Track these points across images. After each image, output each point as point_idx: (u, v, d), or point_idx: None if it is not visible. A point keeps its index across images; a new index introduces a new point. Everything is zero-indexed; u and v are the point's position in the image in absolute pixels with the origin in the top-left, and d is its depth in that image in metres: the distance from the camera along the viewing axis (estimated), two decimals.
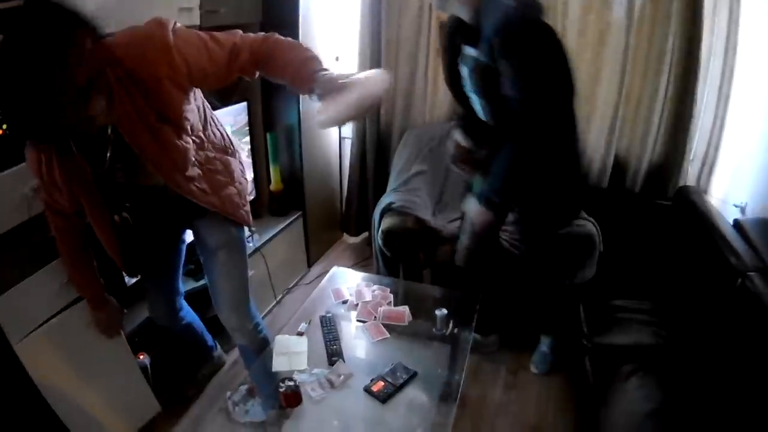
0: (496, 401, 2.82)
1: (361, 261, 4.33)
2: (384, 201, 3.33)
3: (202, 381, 2.99)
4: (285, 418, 2.06)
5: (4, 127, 1.92)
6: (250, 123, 3.56)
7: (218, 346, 3.03)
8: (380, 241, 3.15)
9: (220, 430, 2.14)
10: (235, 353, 3.04)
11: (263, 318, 2.96)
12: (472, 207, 2.35)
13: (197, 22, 2.88)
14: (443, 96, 3.85)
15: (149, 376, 2.81)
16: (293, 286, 4.01)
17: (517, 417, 2.73)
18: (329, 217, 4.54)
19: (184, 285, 2.76)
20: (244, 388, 2.24)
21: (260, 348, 2.39)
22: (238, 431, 2.09)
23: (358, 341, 2.40)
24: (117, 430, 2.71)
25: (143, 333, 2.74)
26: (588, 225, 2.96)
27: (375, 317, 2.48)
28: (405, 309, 2.51)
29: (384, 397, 2.09)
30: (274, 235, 3.67)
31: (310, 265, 4.25)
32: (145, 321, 2.75)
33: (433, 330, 2.47)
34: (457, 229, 2.96)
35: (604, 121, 3.48)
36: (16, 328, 2.16)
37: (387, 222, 3.14)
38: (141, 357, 2.77)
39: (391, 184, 3.61)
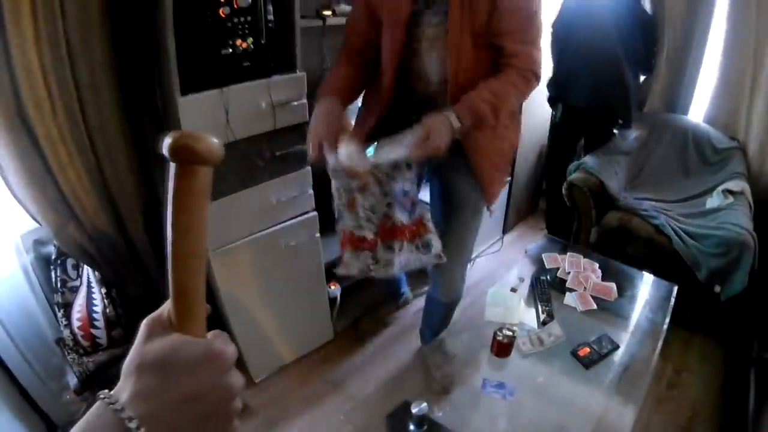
0: (657, 396, 2.85)
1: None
2: (582, 161, 3.63)
3: (381, 320, 3.10)
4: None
5: (250, 41, 2.10)
6: None
7: (409, 290, 3.15)
8: (564, 191, 3.54)
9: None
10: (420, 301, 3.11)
11: None
12: None
13: None
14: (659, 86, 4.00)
15: (336, 306, 2.95)
16: (485, 251, 4.11)
17: (673, 415, 2.75)
18: (529, 189, 4.57)
19: None
20: None
21: (453, 304, 2.55)
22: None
23: (567, 307, 2.46)
24: (283, 349, 2.88)
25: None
26: (745, 234, 2.95)
27: (585, 288, 2.53)
28: (613, 285, 2.55)
29: (588, 363, 2.16)
30: None
31: (505, 231, 4.33)
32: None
33: (632, 313, 2.51)
34: (639, 204, 3.47)
35: None
36: (218, 236, 2.32)
37: (574, 176, 3.52)
38: (333, 287, 2.91)
39: (596, 152, 3.79)
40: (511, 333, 2.13)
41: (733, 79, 3.69)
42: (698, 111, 4.00)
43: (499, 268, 2.79)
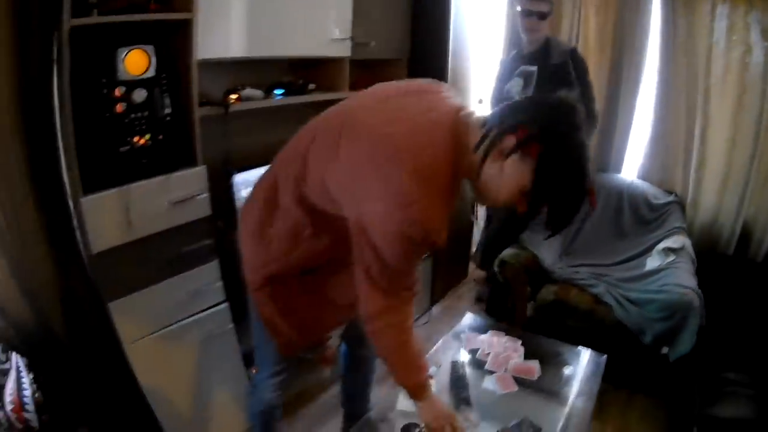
0: None
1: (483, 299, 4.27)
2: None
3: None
4: None
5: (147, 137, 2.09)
6: None
7: None
8: (496, 268, 3.43)
9: None
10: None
11: None
12: None
13: (348, 54, 2.93)
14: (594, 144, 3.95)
15: None
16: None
17: None
18: (457, 256, 4.46)
19: None
20: None
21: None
22: None
23: (485, 391, 2.32)
24: None
25: None
26: (690, 294, 2.88)
27: (505, 369, 2.40)
28: (535, 363, 2.42)
29: None
30: None
31: (432, 303, 4.18)
32: None
33: (560, 388, 2.39)
34: (575, 273, 3.42)
35: (736, 188, 3.48)
36: (133, 329, 2.25)
37: (506, 253, 3.42)
38: (255, 371, 2.81)
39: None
40: (418, 429, 2.00)
41: (668, 132, 3.72)
42: (632, 168, 3.99)
43: (425, 345, 2.70)
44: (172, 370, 2.50)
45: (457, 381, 2.29)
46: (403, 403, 2.19)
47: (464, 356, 2.52)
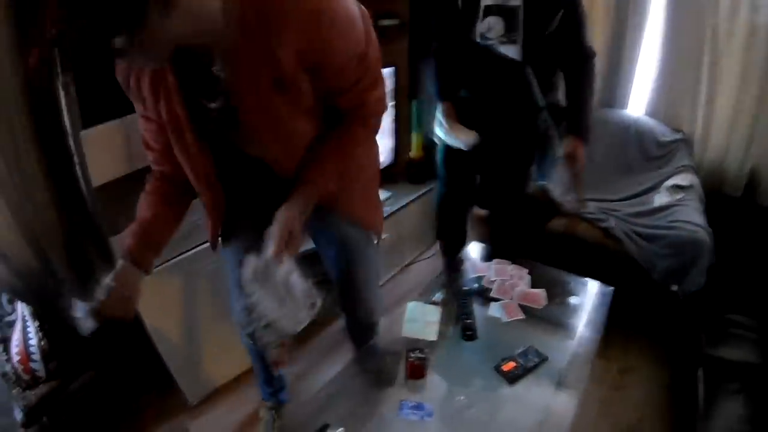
0: (601, 398, 2.77)
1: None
2: None
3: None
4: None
5: None
6: (396, 89, 3.53)
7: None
8: None
9: None
10: None
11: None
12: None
13: None
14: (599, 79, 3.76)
15: None
16: (419, 256, 4.01)
17: (618, 416, 2.68)
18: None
19: None
20: None
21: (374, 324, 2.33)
22: None
23: (491, 318, 2.31)
24: (215, 371, 2.84)
25: None
26: (700, 232, 2.85)
27: (511, 297, 2.39)
28: (542, 292, 2.41)
29: (513, 378, 2.03)
30: (408, 203, 3.66)
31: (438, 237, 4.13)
32: None
33: (566, 319, 2.38)
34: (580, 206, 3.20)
35: (745, 129, 3.41)
36: None
37: None
38: None
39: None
40: (422, 355, 2.01)
41: (675, 69, 3.61)
42: (638, 104, 3.90)
43: (430, 276, 2.70)
44: (175, 306, 2.51)
45: (463, 308, 2.28)
46: (407, 328, 2.19)
47: (469, 284, 2.51)
